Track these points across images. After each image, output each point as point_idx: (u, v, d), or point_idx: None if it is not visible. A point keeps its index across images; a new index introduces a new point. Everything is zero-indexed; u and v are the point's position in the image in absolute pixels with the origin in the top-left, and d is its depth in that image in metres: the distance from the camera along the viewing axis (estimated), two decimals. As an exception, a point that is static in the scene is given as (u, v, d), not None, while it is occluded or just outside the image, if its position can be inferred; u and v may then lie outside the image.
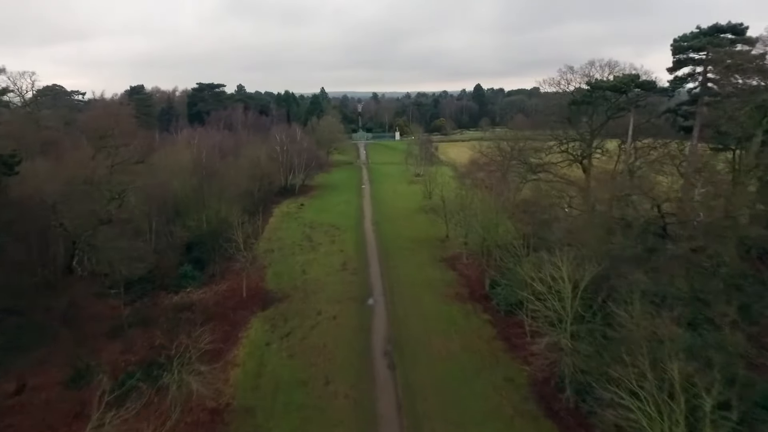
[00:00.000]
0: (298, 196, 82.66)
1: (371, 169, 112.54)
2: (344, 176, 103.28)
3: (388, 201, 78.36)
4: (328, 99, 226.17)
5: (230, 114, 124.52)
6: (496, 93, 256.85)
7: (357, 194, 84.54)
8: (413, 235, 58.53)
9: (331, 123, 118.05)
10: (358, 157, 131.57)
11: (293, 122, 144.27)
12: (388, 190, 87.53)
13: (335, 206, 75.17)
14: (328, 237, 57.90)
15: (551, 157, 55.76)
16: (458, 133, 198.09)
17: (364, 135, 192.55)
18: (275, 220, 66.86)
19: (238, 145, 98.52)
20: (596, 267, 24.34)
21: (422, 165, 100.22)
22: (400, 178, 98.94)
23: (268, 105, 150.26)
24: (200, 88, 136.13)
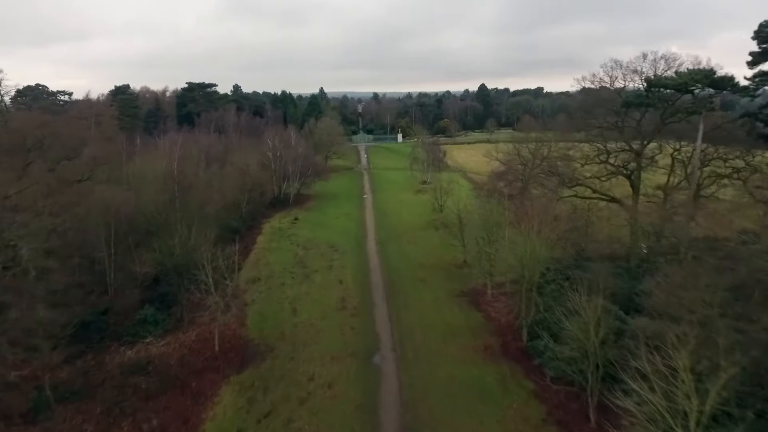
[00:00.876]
0: (293, 207, 74.13)
1: (373, 176, 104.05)
2: (344, 184, 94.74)
3: (393, 214, 69.85)
4: (327, 99, 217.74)
5: (222, 116, 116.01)
6: (500, 93, 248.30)
7: (358, 205, 76.05)
8: (425, 259, 50.03)
9: (330, 125, 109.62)
10: (358, 162, 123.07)
11: (290, 124, 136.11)
12: (393, 200, 79.02)
13: (334, 220, 66.66)
14: (324, 261, 49.35)
15: (588, 168, 47.16)
16: (463, 135, 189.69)
17: (364, 137, 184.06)
18: (264, 239, 58.28)
19: (228, 149, 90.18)
20: (734, 359, 15.74)
21: (429, 171, 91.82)
22: (405, 186, 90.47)
23: (264, 106, 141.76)
24: (190, 87, 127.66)
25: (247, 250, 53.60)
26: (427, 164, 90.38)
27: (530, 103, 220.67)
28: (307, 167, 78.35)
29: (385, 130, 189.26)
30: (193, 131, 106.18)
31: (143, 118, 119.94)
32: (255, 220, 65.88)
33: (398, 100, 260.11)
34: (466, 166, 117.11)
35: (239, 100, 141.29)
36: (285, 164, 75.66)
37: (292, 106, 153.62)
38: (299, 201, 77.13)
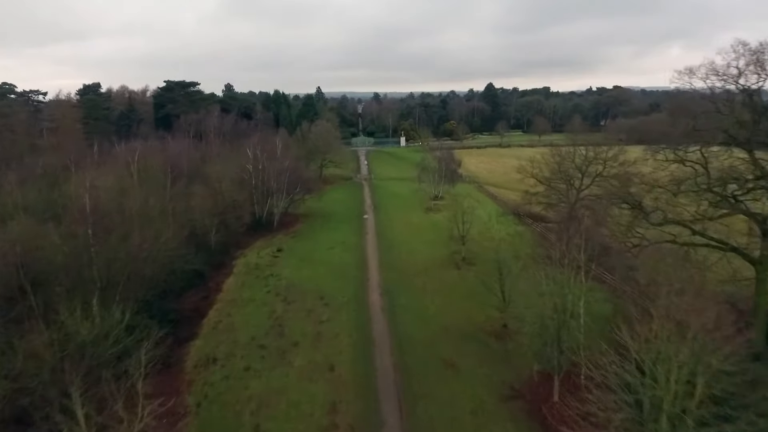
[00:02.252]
0: (277, 233, 60.38)
1: (375, 188, 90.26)
2: (341, 199, 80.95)
3: (400, 242, 56.08)
4: (325, 100, 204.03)
5: (204, 118, 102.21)
6: (508, 93, 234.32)
7: (357, 230, 62.24)
8: (450, 320, 36.28)
9: (326, 129, 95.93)
10: (357, 171, 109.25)
11: (283, 127, 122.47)
12: (399, 222, 65.21)
13: (326, 253, 52.85)
14: (310, 325, 35.60)
15: (683, 200, 33.40)
16: (470, 138, 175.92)
17: (365, 140, 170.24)
18: (234, 284, 44.52)
19: (205, 159, 76.61)
20: None
21: (441, 184, 78.06)
22: (413, 203, 76.69)
23: (253, 107, 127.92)
24: (168, 87, 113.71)
25: (208, 303, 39.87)
26: (439, 176, 76.62)
27: (541, 103, 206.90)
28: (295, 181, 64.52)
29: (387, 133, 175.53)
30: (170, 136, 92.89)
31: (115, 122, 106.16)
32: (227, 254, 52.20)
33: (400, 101, 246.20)
34: (480, 175, 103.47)
35: (226, 100, 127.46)
36: (268, 179, 61.87)
37: (285, 107, 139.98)
38: (286, 224, 63.34)
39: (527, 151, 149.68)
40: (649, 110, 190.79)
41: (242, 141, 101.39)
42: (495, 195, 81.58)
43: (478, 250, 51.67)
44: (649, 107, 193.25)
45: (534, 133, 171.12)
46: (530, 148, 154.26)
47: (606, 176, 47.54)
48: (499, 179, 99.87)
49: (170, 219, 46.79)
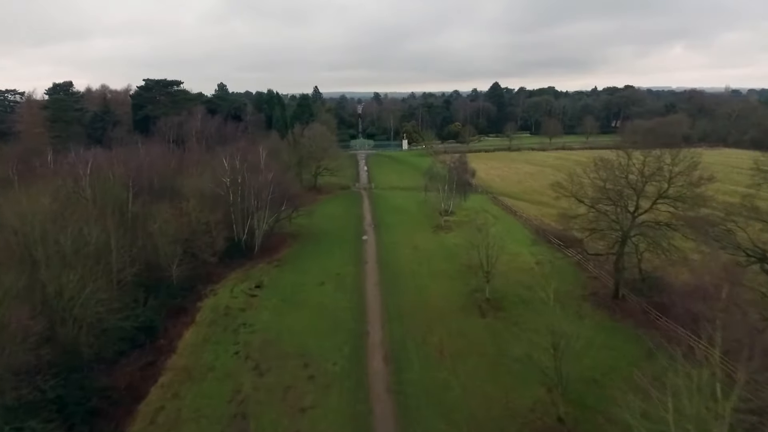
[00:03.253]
0: (258, 260, 50.21)
1: (376, 200, 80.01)
2: (336, 214, 70.72)
3: (408, 275, 45.80)
4: (323, 100, 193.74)
5: (186, 120, 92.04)
6: (514, 93, 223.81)
7: (354, 255, 51.99)
8: (481, 408, 26.01)
9: (320, 133, 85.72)
10: (356, 179, 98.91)
11: (276, 130, 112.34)
12: (405, 245, 54.95)
13: (315, 291, 42.61)
14: (286, 418, 25.40)
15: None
16: (477, 140, 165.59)
17: (364, 143, 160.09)
18: (194, 338, 34.34)
19: (180, 169, 66.44)
20: None
21: (453, 196, 67.78)
22: (420, 219, 66.52)
23: (243, 108, 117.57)
24: (148, 86, 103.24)
25: (153, 374, 29.65)
26: (450, 188, 66.36)
27: (550, 103, 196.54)
28: (281, 197, 54.34)
29: (388, 135, 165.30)
30: (142, 142, 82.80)
31: (88, 124, 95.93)
32: (192, 292, 42.03)
33: (402, 101, 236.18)
34: (493, 184, 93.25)
35: (214, 101, 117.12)
36: (249, 195, 51.69)
37: (279, 107, 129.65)
38: (269, 248, 53.14)
39: (539, 155, 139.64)
40: (665, 111, 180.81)
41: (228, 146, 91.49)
42: (513, 208, 71.37)
43: (504, 285, 41.64)
44: (664, 108, 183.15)
45: (544, 135, 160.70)
46: (542, 151, 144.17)
47: (675, 198, 37.29)
48: (514, 188, 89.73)
49: (116, 254, 36.73)
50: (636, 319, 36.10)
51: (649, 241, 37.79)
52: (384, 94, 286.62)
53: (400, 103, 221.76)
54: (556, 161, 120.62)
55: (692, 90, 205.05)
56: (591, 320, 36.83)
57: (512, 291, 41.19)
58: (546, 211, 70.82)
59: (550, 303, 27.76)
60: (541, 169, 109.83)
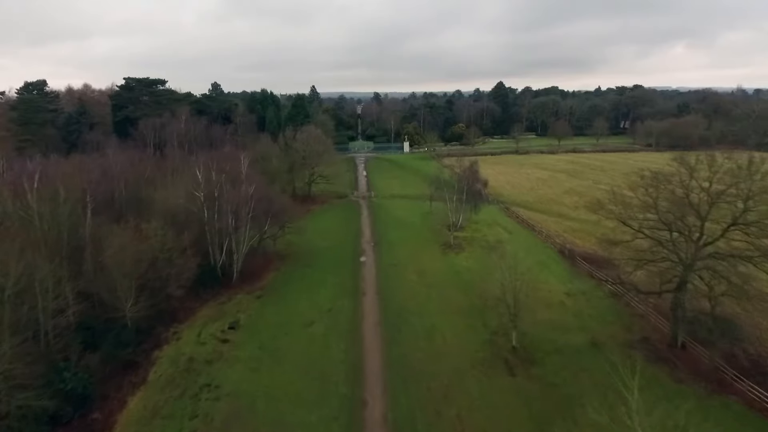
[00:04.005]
0: (236, 290, 42.50)
1: (376, 210, 72.21)
2: (331, 229, 62.94)
3: (414, 313, 37.95)
4: (320, 100, 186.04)
5: (168, 122, 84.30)
6: (519, 93, 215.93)
7: (350, 284, 44.18)
8: None
9: (314, 136, 77.93)
10: (354, 186, 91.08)
11: (269, 132, 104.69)
12: (410, 269, 47.16)
13: (301, 335, 34.84)
14: None
15: None
16: (481, 143, 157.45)
17: (364, 145, 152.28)
18: (140, 408, 26.56)
19: (157, 177, 58.78)
20: None
21: (463, 208, 59.84)
22: (426, 235, 58.74)
23: (234, 108, 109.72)
24: (128, 85, 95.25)
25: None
26: (460, 199, 58.53)
27: (557, 104, 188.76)
28: (264, 213, 46.59)
29: (389, 137, 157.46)
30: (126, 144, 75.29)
31: (62, 126, 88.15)
32: (151, 334, 34.37)
33: (403, 101, 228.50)
34: (503, 191, 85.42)
35: (203, 101, 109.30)
36: (226, 212, 43.89)
37: (273, 108, 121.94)
38: (252, 272, 45.40)
39: (549, 158, 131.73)
40: (677, 111, 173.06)
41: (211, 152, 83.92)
42: (529, 222, 63.61)
43: (532, 326, 33.75)
44: (676, 108, 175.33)
45: (552, 137, 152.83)
46: (552, 155, 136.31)
47: (753, 223, 29.44)
48: (527, 197, 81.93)
49: (51, 294, 29.08)
50: (707, 379, 28.34)
51: (719, 277, 29.97)
52: (384, 94, 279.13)
53: (400, 104, 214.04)
54: (568, 165, 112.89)
55: (705, 89, 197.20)
56: (645, 379, 29.25)
57: (543, 335, 33.46)
58: (568, 225, 63.20)
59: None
60: (553, 174, 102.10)
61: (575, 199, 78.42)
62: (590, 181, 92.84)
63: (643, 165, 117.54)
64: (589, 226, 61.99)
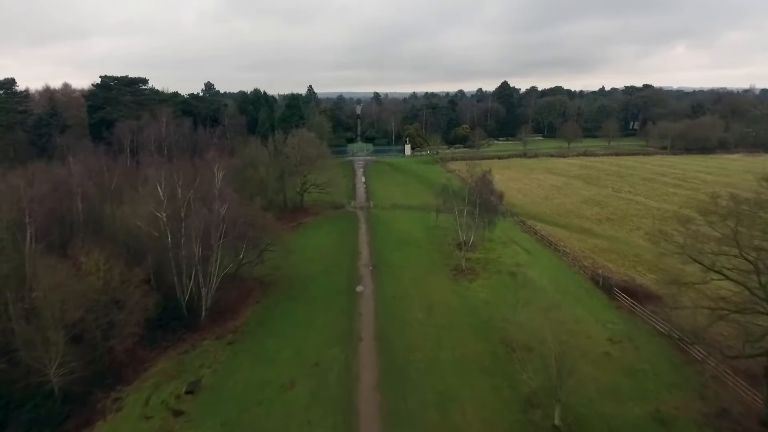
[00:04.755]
0: (205, 332, 34.83)
1: (375, 224, 64.45)
2: (323, 249, 55.16)
3: (423, 366, 30.22)
4: (318, 100, 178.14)
5: (147, 125, 76.59)
6: (525, 93, 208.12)
7: (344, 325, 36.39)
8: None
9: (307, 140, 70.21)
10: (352, 195, 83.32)
11: (260, 134, 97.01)
12: (416, 303, 39.38)
13: (279, 400, 27.15)
14: None
15: None
16: (486, 145, 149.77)
17: (363, 147, 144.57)
18: None
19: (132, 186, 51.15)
20: None
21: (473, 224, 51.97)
22: (433, 255, 51.13)
23: (222, 109, 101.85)
24: (105, 84, 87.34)
25: None
26: (472, 214, 50.70)
27: (564, 104, 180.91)
28: (240, 237, 38.87)
29: (389, 139, 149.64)
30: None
31: (31, 129, 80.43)
32: (84, 403, 26.64)
33: (404, 101, 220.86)
34: (515, 200, 77.67)
35: (190, 101, 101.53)
36: (193, 236, 36.13)
37: (265, 109, 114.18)
38: (225, 308, 37.70)
39: (560, 162, 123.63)
40: (691, 112, 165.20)
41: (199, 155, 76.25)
42: (549, 239, 55.86)
43: (576, 393, 25.88)
44: (690, 109, 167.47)
45: (561, 138, 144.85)
46: (562, 158, 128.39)
47: None
48: (542, 207, 74.13)
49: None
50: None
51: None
52: (384, 94, 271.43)
53: (401, 104, 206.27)
54: (582, 170, 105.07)
55: (721, 89, 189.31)
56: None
57: (591, 406, 25.78)
58: (594, 243, 55.45)
59: None
60: (567, 180, 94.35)
61: (596, 211, 70.73)
62: (609, 189, 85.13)
63: (661, 170, 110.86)
64: (620, 245, 54.41)
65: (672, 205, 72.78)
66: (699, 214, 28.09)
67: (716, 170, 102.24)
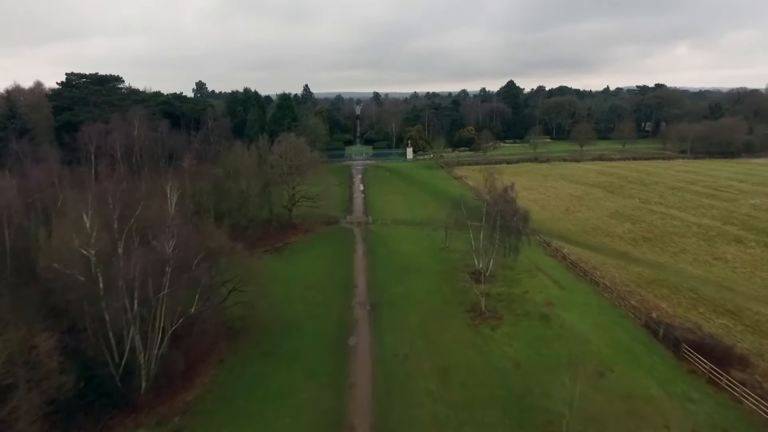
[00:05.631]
0: (143, 415, 25.69)
1: (375, 245, 55.30)
2: (310, 280, 45.82)
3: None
4: (314, 100, 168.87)
5: (113, 129, 67.45)
6: (532, 93, 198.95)
7: (330, 407, 27.29)
8: None
9: (296, 146, 61.04)
10: (348, 208, 74.03)
11: (249, 138, 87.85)
12: (427, 369, 30.20)
13: None
14: None
15: None
16: (492, 148, 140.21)
17: (362, 151, 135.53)
18: None
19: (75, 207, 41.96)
20: None
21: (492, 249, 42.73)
22: (443, 287, 42.00)
23: (204, 111, 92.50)
24: (69, 82, 78.03)
25: None
26: (491, 239, 41.52)
27: (574, 104, 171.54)
28: (191, 283, 29.73)
29: (389, 142, 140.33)
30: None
31: (-13, 133, 71.28)
32: None
33: (405, 101, 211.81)
34: (532, 213, 68.14)
35: (171, 102, 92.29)
36: (133, 281, 27.00)
37: (255, 110, 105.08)
38: (173, 378, 28.52)
39: (575, 168, 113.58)
40: (709, 113, 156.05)
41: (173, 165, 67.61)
42: (580, 265, 46.74)
43: None
44: (708, 109, 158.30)
45: (573, 141, 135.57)
46: (576, 163, 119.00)
47: None
48: (565, 223, 64.79)
49: None
50: None
51: None
52: (384, 94, 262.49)
53: (402, 104, 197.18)
54: (600, 177, 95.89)
55: (740, 89, 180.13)
56: None
57: None
58: (636, 271, 46.27)
59: None
60: (587, 189, 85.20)
61: (628, 227, 61.57)
62: (636, 200, 75.98)
63: (687, 177, 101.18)
64: (668, 275, 45.17)
65: (712, 219, 63.76)
66: (749, 232, 18.80)
67: (748, 177, 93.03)
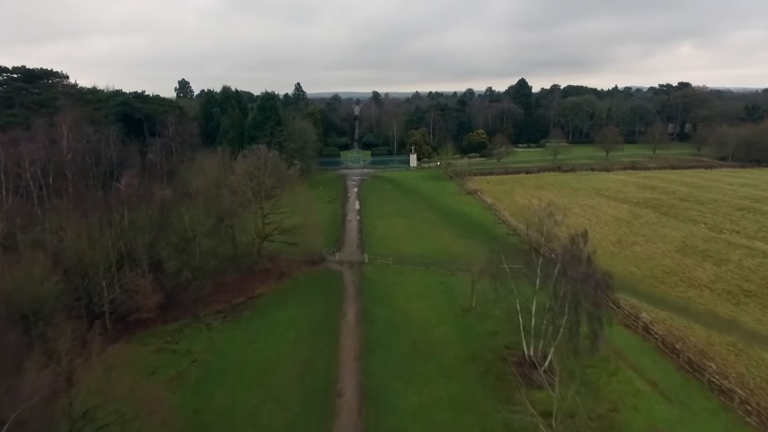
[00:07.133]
0: None
1: (371, 303, 39.37)
2: (270, 376, 29.88)
3: None
4: (306, 100, 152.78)
5: (33, 135, 51.80)
6: (546, 93, 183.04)
7: None
8: None
9: (270, 164, 45.28)
10: (340, 237, 57.85)
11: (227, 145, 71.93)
12: None
13: None
14: None
15: None
16: (505, 154, 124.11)
17: (359, 157, 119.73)
18: None
19: None
20: None
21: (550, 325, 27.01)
22: (477, 396, 26.03)
23: (166, 113, 76.18)
24: (6, 79, 62.23)
25: None
26: (560, 309, 25.90)
27: (593, 104, 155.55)
28: None
29: (390, 146, 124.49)
30: None
31: None
32: None
33: (406, 101, 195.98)
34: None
35: (130, 103, 76.46)
36: None
37: (233, 112, 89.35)
38: None
39: (606, 179, 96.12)
40: (745, 115, 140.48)
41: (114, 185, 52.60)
42: (685, 353, 31.13)
43: None
44: (744, 111, 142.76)
45: (598, 146, 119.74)
46: (606, 173, 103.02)
47: None
48: (622, 262, 48.76)
49: None
50: None
51: None
52: (384, 93, 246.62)
53: (403, 104, 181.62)
54: (643, 193, 79.72)
55: None
56: None
57: None
58: (760, 356, 30.54)
59: None
60: (633, 210, 69.27)
61: (712, 271, 45.82)
62: (702, 227, 60.16)
63: (745, 192, 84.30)
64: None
65: (819, 257, 48.06)
66: None
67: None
